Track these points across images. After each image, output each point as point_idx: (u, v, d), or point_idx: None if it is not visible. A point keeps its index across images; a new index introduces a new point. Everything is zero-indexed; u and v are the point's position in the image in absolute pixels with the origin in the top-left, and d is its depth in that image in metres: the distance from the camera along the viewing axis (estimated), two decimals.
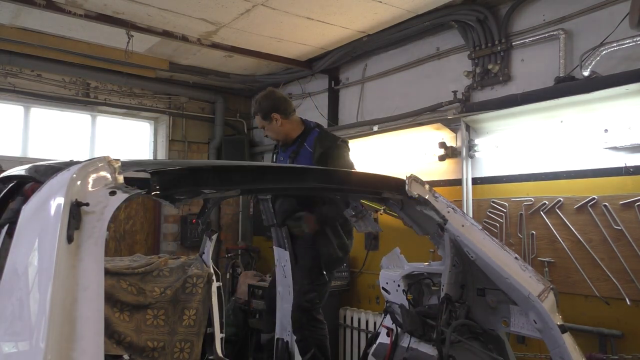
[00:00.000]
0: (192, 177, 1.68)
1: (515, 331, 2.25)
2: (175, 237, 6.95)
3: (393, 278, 2.69)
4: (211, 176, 1.74)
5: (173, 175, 1.60)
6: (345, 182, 2.27)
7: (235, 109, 7.49)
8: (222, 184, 1.78)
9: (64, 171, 1.44)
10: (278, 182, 2.04)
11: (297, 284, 3.43)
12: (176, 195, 1.60)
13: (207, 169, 1.79)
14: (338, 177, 2.32)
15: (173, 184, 1.57)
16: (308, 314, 3.36)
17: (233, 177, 1.84)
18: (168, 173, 1.57)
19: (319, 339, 3.38)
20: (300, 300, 3.35)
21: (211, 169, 1.81)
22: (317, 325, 3.40)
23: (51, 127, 6.31)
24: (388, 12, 4.64)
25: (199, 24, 4.99)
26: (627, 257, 3.45)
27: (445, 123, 4.65)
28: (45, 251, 1.28)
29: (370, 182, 2.32)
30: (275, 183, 2.04)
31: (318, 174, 2.27)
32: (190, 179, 1.66)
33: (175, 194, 1.60)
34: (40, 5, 4.48)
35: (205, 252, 3.35)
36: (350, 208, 2.84)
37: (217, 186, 1.76)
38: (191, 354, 3.02)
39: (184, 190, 1.64)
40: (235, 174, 1.88)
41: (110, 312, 2.76)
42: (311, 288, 3.36)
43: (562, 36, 3.90)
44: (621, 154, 3.54)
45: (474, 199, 4.40)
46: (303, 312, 3.34)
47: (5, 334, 1.26)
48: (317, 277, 3.38)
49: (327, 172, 2.43)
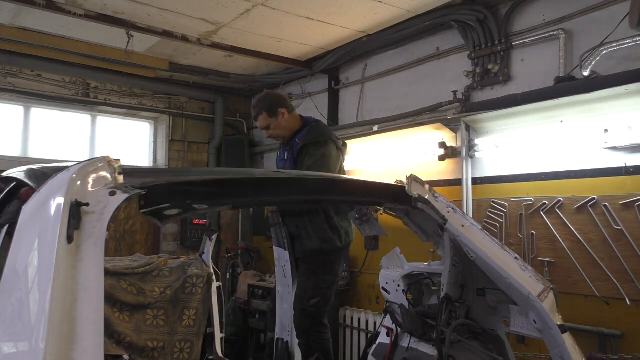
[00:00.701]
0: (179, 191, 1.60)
1: (515, 331, 2.25)
2: (175, 237, 6.95)
3: (393, 278, 2.69)
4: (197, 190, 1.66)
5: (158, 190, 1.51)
6: (340, 192, 2.20)
7: (235, 109, 7.49)
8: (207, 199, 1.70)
9: (64, 171, 1.44)
10: (265, 195, 1.94)
11: (300, 289, 3.38)
12: (165, 212, 1.53)
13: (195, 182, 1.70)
14: (333, 187, 2.23)
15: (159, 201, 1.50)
16: (312, 318, 3.32)
17: (220, 190, 1.76)
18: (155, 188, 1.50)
19: (323, 344, 3.35)
20: (304, 305, 3.30)
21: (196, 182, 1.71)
22: (322, 330, 3.36)
23: (51, 127, 6.31)
24: (388, 12, 4.64)
25: (199, 24, 4.99)
26: (627, 257, 3.45)
27: (445, 123, 4.65)
28: (45, 251, 1.28)
29: (368, 192, 2.27)
30: (261, 196, 1.94)
31: (311, 183, 2.14)
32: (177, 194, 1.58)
33: (164, 211, 1.53)
34: (40, 5, 4.48)
35: (205, 252, 3.35)
36: (354, 211, 2.83)
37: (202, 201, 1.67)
38: (191, 354, 3.02)
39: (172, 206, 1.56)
40: (218, 187, 1.77)
41: (110, 312, 2.76)
42: (315, 293, 3.30)
43: (562, 36, 3.90)
44: (621, 154, 3.53)
45: (474, 199, 4.40)
46: (307, 317, 3.31)
47: (5, 334, 1.26)
48: (320, 280, 3.33)
49: (321, 181, 2.26)
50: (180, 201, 1.58)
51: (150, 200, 1.48)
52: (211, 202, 1.74)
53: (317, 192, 2.11)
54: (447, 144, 4.65)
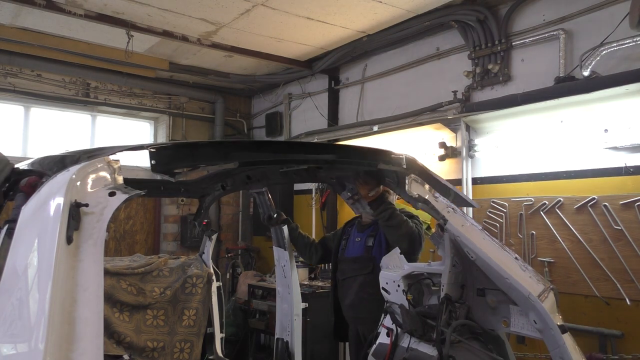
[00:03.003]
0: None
1: (515, 331, 2.25)
2: (175, 237, 6.95)
3: (393, 278, 2.69)
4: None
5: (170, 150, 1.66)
6: (339, 154, 2.27)
7: (235, 109, 7.50)
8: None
9: (64, 171, 1.44)
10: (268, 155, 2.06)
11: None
12: (175, 170, 1.64)
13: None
14: (333, 151, 2.34)
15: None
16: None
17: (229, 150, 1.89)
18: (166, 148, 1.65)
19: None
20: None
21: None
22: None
23: (51, 127, 6.31)
24: (388, 12, 4.64)
25: (199, 24, 4.98)
26: (627, 257, 3.45)
27: (445, 123, 4.65)
28: (45, 252, 1.27)
29: (363, 154, 2.33)
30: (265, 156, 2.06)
31: (310, 148, 2.28)
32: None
33: (174, 168, 1.64)
34: (40, 5, 4.48)
35: (205, 252, 3.35)
36: (346, 190, 2.83)
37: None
38: (191, 354, 3.02)
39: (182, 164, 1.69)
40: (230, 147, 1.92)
41: (110, 312, 2.76)
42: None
43: (562, 36, 3.90)
44: (621, 154, 3.53)
45: (474, 199, 4.39)
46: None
47: (5, 335, 1.26)
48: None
49: (321, 146, 2.48)
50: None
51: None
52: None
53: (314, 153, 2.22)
54: (447, 144, 4.65)
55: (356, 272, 3.27)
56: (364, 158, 2.31)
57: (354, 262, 3.31)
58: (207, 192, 3.33)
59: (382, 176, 2.58)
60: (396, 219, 2.94)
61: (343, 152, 2.32)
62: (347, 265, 3.35)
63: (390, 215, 2.94)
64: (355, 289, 3.25)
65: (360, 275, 3.24)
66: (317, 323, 4.58)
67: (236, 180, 3.17)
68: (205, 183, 3.25)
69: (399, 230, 2.94)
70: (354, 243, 3.37)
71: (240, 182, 3.19)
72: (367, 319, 3.15)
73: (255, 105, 7.63)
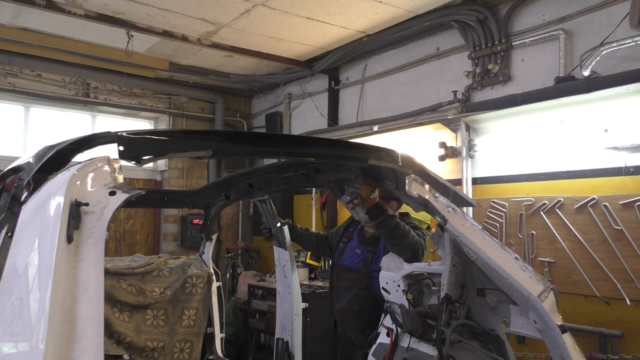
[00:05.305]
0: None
1: (515, 331, 2.24)
2: (175, 237, 6.95)
3: (393, 278, 2.69)
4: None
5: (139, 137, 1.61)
6: (325, 148, 2.14)
7: (235, 109, 7.50)
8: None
9: (64, 171, 1.44)
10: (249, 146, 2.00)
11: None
12: (142, 157, 1.58)
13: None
14: (318, 144, 2.20)
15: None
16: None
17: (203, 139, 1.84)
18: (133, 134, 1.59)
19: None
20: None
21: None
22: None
23: (51, 127, 6.30)
24: (388, 12, 4.64)
25: (199, 24, 4.98)
26: (627, 257, 3.45)
27: (445, 123, 4.65)
28: (45, 251, 1.27)
29: (348, 148, 2.22)
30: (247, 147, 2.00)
31: (293, 140, 2.17)
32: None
33: (142, 155, 1.58)
34: (40, 5, 4.48)
35: (205, 252, 3.36)
36: (345, 194, 2.80)
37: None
38: (191, 354, 3.02)
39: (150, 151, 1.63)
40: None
41: (110, 312, 2.76)
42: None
43: (562, 36, 3.90)
44: (621, 154, 3.53)
45: (474, 199, 4.39)
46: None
47: (5, 334, 1.26)
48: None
49: (302, 139, 2.32)
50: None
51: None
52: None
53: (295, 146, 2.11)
54: (447, 143, 4.65)
55: (350, 284, 3.27)
56: (349, 152, 2.20)
57: (350, 272, 3.30)
58: (211, 202, 3.35)
59: (382, 178, 2.56)
60: (400, 229, 2.86)
61: (325, 146, 2.16)
62: (343, 272, 3.35)
63: (395, 225, 2.85)
64: (348, 299, 3.26)
65: (355, 288, 3.24)
66: (317, 323, 4.58)
67: (239, 188, 3.19)
68: (209, 193, 3.26)
69: (403, 240, 2.85)
70: (353, 253, 3.34)
71: (243, 190, 3.20)
72: (355, 327, 3.20)
73: (255, 105, 7.64)
